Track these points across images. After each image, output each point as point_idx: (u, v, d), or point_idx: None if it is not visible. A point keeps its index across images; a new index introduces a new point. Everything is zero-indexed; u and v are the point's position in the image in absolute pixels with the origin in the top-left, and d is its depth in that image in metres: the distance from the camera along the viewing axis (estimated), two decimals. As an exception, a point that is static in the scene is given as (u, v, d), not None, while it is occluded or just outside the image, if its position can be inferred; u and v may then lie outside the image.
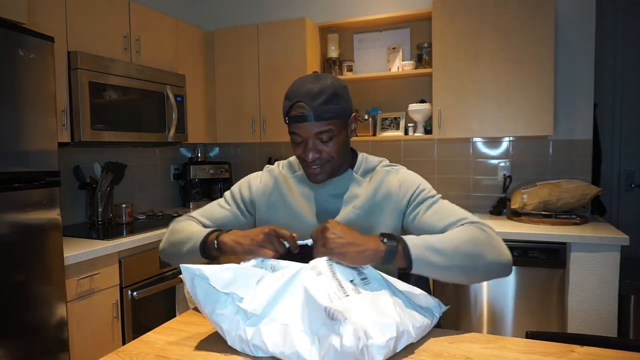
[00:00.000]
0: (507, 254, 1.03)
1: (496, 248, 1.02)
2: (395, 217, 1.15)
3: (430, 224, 1.09)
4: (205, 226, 1.26)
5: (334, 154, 1.11)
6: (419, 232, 1.10)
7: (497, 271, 1.02)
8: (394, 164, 1.24)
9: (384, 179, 1.17)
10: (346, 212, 1.16)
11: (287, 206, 1.21)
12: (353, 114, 1.16)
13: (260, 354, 0.89)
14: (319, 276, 0.91)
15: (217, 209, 1.30)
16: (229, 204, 1.30)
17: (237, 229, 1.12)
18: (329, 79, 1.11)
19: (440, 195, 1.16)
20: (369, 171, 1.21)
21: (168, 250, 1.24)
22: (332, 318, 0.82)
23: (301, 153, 1.12)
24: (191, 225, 1.23)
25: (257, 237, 1.02)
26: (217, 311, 0.91)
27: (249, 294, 0.91)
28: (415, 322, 0.91)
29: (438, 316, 0.99)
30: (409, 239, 0.99)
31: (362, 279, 0.95)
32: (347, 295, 0.88)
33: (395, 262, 0.96)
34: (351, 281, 0.93)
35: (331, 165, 1.14)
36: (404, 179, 1.17)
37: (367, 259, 0.95)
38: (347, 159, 1.20)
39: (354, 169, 1.21)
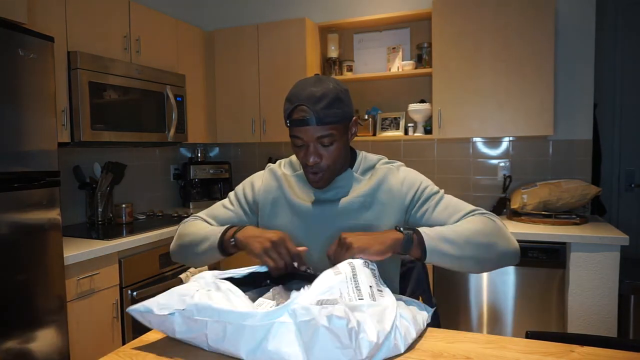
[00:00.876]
0: (515, 243, 1.08)
1: (506, 238, 1.06)
2: (398, 214, 1.16)
3: (440, 221, 1.12)
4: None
5: (334, 158, 1.12)
6: (428, 226, 1.12)
7: (507, 260, 1.06)
8: (392, 160, 1.25)
9: (386, 177, 1.18)
10: (348, 209, 1.16)
11: (289, 204, 1.22)
12: (354, 118, 1.16)
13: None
14: (337, 275, 0.90)
15: (222, 210, 1.31)
16: (232, 204, 1.31)
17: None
18: (330, 82, 1.11)
19: (443, 190, 1.19)
20: (368, 169, 1.22)
21: (182, 251, 1.24)
22: (322, 304, 0.80)
23: (302, 157, 1.13)
24: (203, 225, 1.24)
25: (265, 244, 1.03)
26: (177, 329, 0.91)
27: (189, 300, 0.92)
28: (408, 338, 0.90)
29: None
30: (423, 230, 1.02)
31: (379, 290, 0.93)
32: (360, 299, 0.86)
33: (412, 251, 1.01)
34: (370, 287, 0.91)
35: (331, 172, 1.15)
36: (405, 177, 1.19)
37: (389, 247, 0.98)
38: (347, 161, 1.20)
39: (354, 168, 1.22)
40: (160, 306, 0.91)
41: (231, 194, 1.33)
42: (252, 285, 1.07)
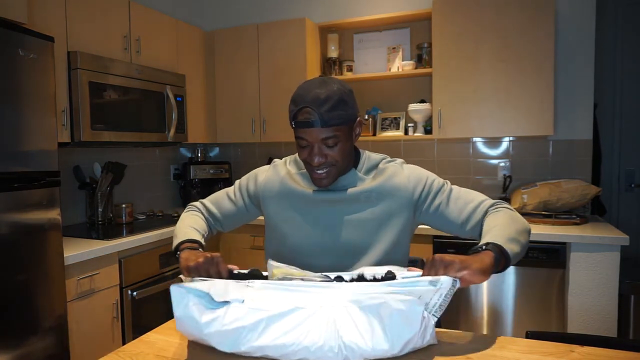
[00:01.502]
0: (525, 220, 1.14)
1: (524, 220, 1.12)
2: (406, 210, 1.18)
3: (454, 213, 1.16)
4: (212, 215, 1.37)
5: (339, 158, 1.13)
6: (441, 221, 1.19)
7: (530, 234, 1.12)
8: (394, 158, 1.27)
9: (391, 174, 1.20)
10: (355, 200, 1.18)
11: (295, 197, 1.23)
12: (358, 119, 1.18)
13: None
14: (432, 285, 0.89)
15: (226, 200, 1.37)
16: (235, 196, 1.36)
17: (242, 218, 1.37)
18: (335, 84, 1.12)
19: (448, 182, 1.22)
20: (371, 168, 1.24)
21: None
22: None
23: (306, 157, 1.14)
24: (188, 221, 1.29)
25: (198, 259, 1.04)
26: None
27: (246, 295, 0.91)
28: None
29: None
30: (493, 240, 1.00)
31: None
32: (434, 315, 0.90)
33: (499, 267, 0.97)
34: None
35: (336, 169, 1.16)
36: (410, 173, 1.21)
37: (489, 267, 0.93)
38: (351, 161, 1.22)
39: (357, 167, 1.23)
40: (217, 292, 0.90)
41: (236, 185, 1.38)
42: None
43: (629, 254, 2.56)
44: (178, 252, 1.15)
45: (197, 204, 1.40)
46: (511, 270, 2.24)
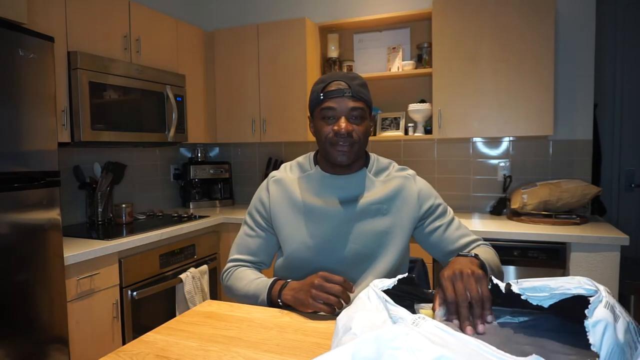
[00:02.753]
0: None
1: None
2: (411, 222, 1.22)
3: (451, 239, 1.21)
4: (249, 262, 1.31)
5: (361, 135, 1.18)
6: (432, 242, 1.23)
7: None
8: (404, 167, 1.30)
9: (403, 185, 1.23)
10: (366, 213, 1.20)
11: (304, 208, 1.23)
12: (372, 113, 1.26)
13: None
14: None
15: (249, 240, 1.32)
16: (254, 230, 1.32)
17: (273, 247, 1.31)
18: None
19: (450, 209, 1.28)
20: (381, 171, 1.27)
21: (240, 301, 1.25)
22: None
23: (332, 127, 1.16)
24: (245, 276, 1.25)
25: (311, 291, 1.04)
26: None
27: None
28: None
29: None
30: (480, 256, 1.04)
31: None
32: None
33: None
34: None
35: (358, 147, 1.19)
36: (421, 189, 1.25)
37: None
38: (364, 152, 1.26)
39: (368, 167, 1.26)
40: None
41: (247, 219, 1.34)
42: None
43: (629, 254, 2.56)
44: (280, 301, 1.13)
45: (229, 265, 1.32)
46: (511, 270, 2.24)
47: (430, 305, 0.89)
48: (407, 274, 0.90)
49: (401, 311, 0.73)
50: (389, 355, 0.58)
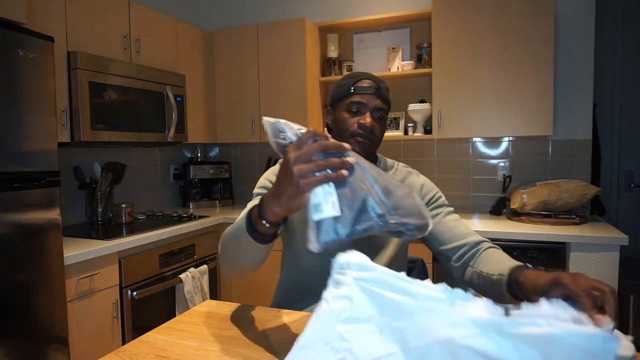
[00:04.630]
0: None
1: None
2: None
3: (447, 227, 1.19)
4: None
5: (379, 134, 1.21)
6: (437, 229, 1.19)
7: None
8: (406, 165, 1.36)
9: (406, 178, 1.29)
10: None
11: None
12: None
13: None
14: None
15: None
16: None
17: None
18: None
19: (452, 208, 1.28)
20: (388, 168, 1.32)
21: (226, 257, 1.03)
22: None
23: (357, 120, 1.18)
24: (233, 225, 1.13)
25: (292, 175, 0.70)
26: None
27: None
28: None
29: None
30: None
31: None
32: None
33: None
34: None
35: (375, 145, 1.22)
36: (425, 182, 1.29)
37: None
38: (376, 151, 1.29)
39: (376, 164, 1.29)
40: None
41: (257, 192, 1.25)
42: None
43: (629, 254, 2.56)
44: (263, 218, 0.81)
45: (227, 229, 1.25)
46: (511, 270, 2.24)
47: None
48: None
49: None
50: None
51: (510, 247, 2.21)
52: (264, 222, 0.81)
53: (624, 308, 2.29)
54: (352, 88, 1.19)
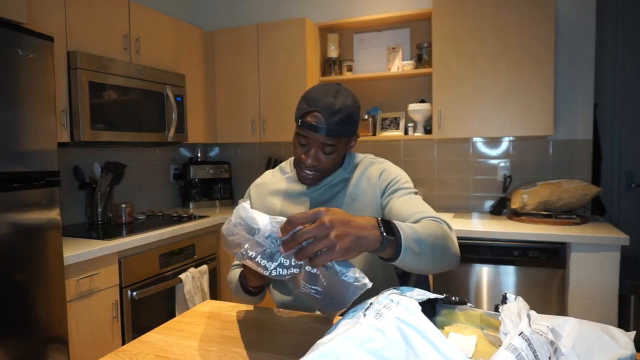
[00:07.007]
0: (458, 249, 1.03)
1: (455, 243, 1.02)
2: (376, 205, 1.21)
3: (397, 209, 1.11)
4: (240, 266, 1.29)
5: (328, 165, 1.18)
6: (386, 216, 1.15)
7: (454, 264, 1.00)
8: (379, 158, 1.30)
9: (367, 168, 1.25)
10: (337, 202, 1.23)
11: (279, 206, 1.26)
12: (357, 134, 1.23)
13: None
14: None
15: None
16: None
17: None
18: (349, 98, 1.14)
19: (416, 191, 1.21)
20: (356, 166, 1.29)
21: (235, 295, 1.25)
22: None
23: (301, 155, 1.17)
24: (233, 278, 1.23)
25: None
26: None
27: None
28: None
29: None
30: (402, 230, 0.87)
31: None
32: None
33: (385, 252, 0.84)
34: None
35: (323, 175, 1.21)
36: (385, 169, 1.24)
37: (371, 243, 0.81)
38: (339, 165, 1.25)
39: (343, 166, 1.27)
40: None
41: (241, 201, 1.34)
42: None
43: (629, 254, 2.56)
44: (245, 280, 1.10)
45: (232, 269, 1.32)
46: (511, 270, 2.24)
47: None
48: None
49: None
50: None
51: (511, 247, 2.21)
52: (250, 288, 1.09)
53: (624, 308, 2.29)
54: (300, 121, 1.13)
